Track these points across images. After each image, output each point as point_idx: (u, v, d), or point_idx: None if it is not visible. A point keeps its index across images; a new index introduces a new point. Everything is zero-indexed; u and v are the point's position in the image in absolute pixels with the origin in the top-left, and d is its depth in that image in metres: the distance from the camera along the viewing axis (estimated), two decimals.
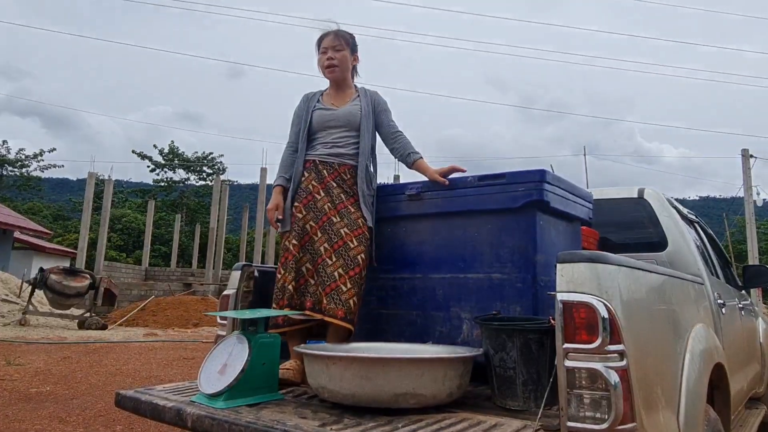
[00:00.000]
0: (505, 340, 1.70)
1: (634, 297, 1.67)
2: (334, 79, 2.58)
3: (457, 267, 2.19)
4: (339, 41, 2.54)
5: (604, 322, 1.48)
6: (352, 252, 2.28)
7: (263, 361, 1.78)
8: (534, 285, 2.02)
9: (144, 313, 12.77)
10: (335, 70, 2.53)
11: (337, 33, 2.56)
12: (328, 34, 2.57)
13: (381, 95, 2.63)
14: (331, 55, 2.52)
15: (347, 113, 2.49)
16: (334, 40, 2.54)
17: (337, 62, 2.52)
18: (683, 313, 2.16)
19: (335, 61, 2.52)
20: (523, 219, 2.07)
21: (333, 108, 2.52)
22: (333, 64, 2.52)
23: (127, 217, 34.17)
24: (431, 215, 2.30)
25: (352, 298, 2.22)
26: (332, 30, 2.58)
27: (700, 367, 2.08)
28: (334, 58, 2.52)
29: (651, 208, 3.23)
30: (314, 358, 1.65)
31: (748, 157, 20.53)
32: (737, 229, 31.19)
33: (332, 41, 2.54)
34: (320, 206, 2.36)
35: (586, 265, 1.54)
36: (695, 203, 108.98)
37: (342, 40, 2.55)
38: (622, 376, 1.48)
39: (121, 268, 21.51)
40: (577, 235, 2.50)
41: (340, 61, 2.52)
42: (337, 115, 2.49)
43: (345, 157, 2.45)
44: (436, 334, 2.20)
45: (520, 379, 1.68)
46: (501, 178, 2.12)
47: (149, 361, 7.19)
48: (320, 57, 2.58)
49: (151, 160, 36.12)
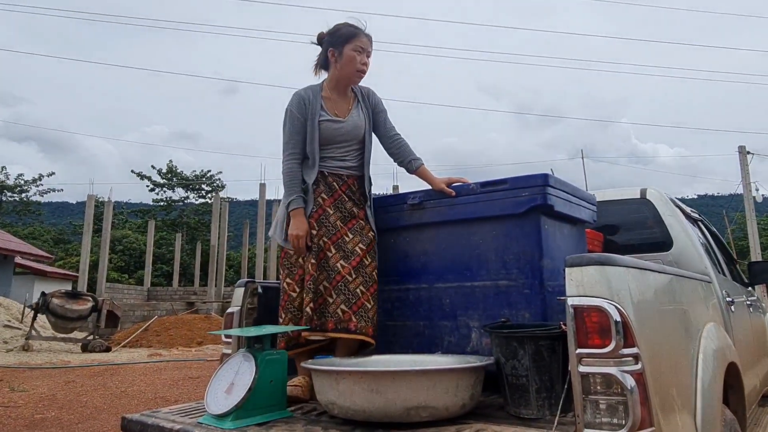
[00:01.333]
0: (516, 347, 1.67)
1: (644, 298, 1.64)
2: (354, 85, 2.43)
3: (463, 275, 2.16)
4: (371, 47, 2.38)
5: (617, 326, 1.46)
6: (368, 269, 2.24)
7: (270, 378, 1.75)
8: (542, 290, 2.00)
9: (147, 334, 12.70)
10: (363, 77, 2.40)
11: (371, 37, 2.39)
12: (365, 33, 2.37)
13: (375, 93, 2.50)
14: (367, 62, 2.36)
15: (354, 127, 2.38)
16: (370, 44, 2.37)
17: (367, 69, 2.38)
18: (694, 312, 2.14)
19: (366, 67, 2.37)
20: (527, 224, 2.05)
21: (340, 120, 2.37)
22: (365, 71, 2.37)
23: (127, 237, 34.13)
24: (434, 224, 2.27)
25: (375, 314, 2.20)
26: (367, 32, 2.38)
27: (713, 367, 2.05)
28: (367, 65, 2.37)
29: (654, 208, 3.21)
30: (323, 374, 1.62)
31: (745, 154, 20.55)
32: (737, 225, 31.21)
33: (369, 45, 2.37)
34: (332, 221, 2.29)
35: (596, 268, 1.52)
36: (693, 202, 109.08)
37: (372, 46, 2.39)
38: (638, 380, 1.46)
39: (123, 289, 21.45)
40: (582, 238, 2.48)
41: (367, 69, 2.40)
42: (345, 129, 2.36)
43: (352, 168, 2.40)
44: (444, 344, 2.17)
45: (533, 387, 1.65)
46: (503, 183, 2.10)
47: (154, 382, 7.12)
48: (352, 55, 2.33)
49: (150, 180, 36.16)
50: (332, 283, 2.21)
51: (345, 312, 2.17)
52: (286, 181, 2.30)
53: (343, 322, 2.16)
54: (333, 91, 2.41)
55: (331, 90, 2.41)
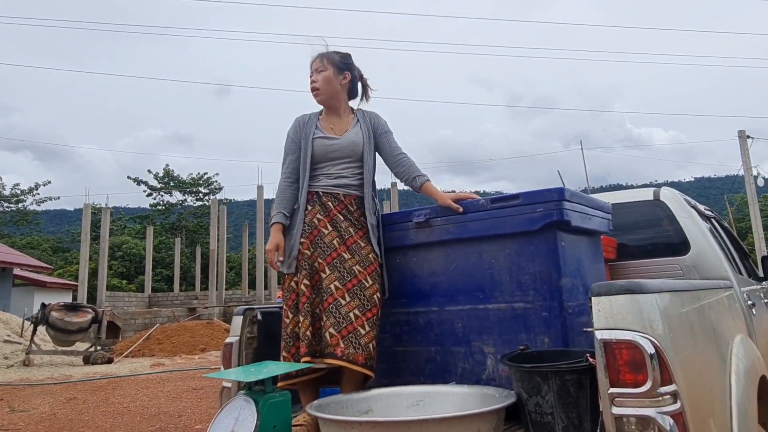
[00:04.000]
0: (539, 382, 1.54)
1: (678, 325, 1.51)
2: (321, 103, 2.43)
3: (476, 297, 2.02)
4: (322, 63, 2.39)
5: (652, 361, 1.32)
6: (368, 291, 2.12)
7: (274, 423, 1.61)
8: (561, 313, 1.86)
9: (149, 342, 12.58)
10: (318, 93, 2.38)
11: (322, 54, 2.42)
12: (315, 56, 2.43)
13: (381, 116, 2.48)
14: (314, 78, 2.39)
15: (350, 143, 2.34)
16: (317, 62, 2.40)
17: (319, 84, 2.37)
18: (722, 327, 2.01)
19: (317, 84, 2.37)
20: (543, 241, 1.92)
21: (335, 137, 2.35)
22: (315, 87, 2.38)
23: (126, 243, 34.04)
24: (443, 242, 2.13)
25: (371, 341, 2.05)
26: (320, 52, 2.43)
27: (746, 387, 1.92)
28: (316, 81, 2.38)
29: (669, 210, 3.08)
30: (330, 423, 1.49)
31: (745, 138, 20.42)
32: (735, 207, 31.18)
33: (317, 63, 2.41)
34: (328, 241, 2.20)
35: (626, 298, 1.38)
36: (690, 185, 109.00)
37: (326, 60, 2.39)
38: (678, 420, 1.33)
39: (123, 297, 21.32)
40: (599, 249, 2.34)
41: (322, 83, 2.36)
42: (340, 145, 2.33)
43: (350, 187, 2.31)
44: (458, 371, 2.04)
45: (560, 426, 1.52)
46: (516, 198, 1.97)
47: (157, 395, 7.00)
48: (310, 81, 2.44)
49: (147, 184, 35.98)
50: (324, 305, 2.11)
51: (333, 336, 2.05)
52: (275, 201, 2.36)
53: (329, 347, 2.04)
54: (327, 113, 2.46)
55: (326, 113, 2.46)
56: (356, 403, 1.81)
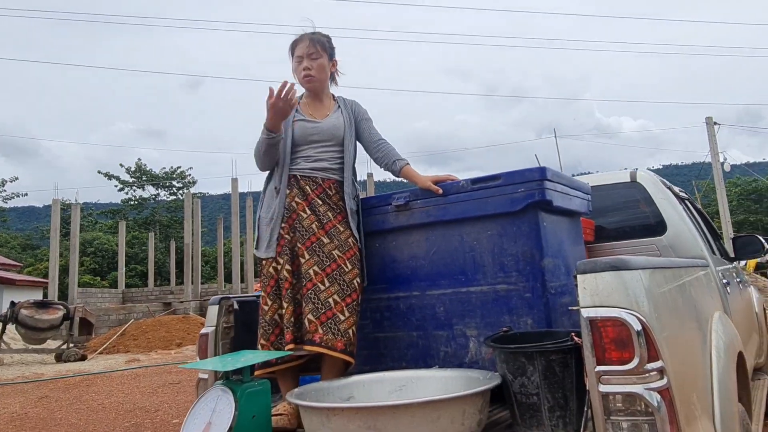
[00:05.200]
0: (524, 363, 1.51)
1: (662, 301, 1.50)
2: (311, 90, 2.34)
3: (458, 280, 1.99)
4: (315, 48, 2.27)
5: (639, 338, 1.31)
6: (348, 276, 2.06)
7: (252, 413, 1.56)
8: (544, 293, 1.84)
9: (124, 339, 12.34)
10: (313, 80, 2.28)
11: (313, 38, 2.28)
12: (302, 39, 2.29)
13: (361, 104, 2.42)
14: (308, 65, 2.26)
15: (331, 126, 2.27)
16: (310, 47, 2.26)
17: (315, 72, 2.27)
18: (702, 305, 2.01)
19: (312, 71, 2.26)
20: (525, 222, 1.89)
21: (315, 120, 2.28)
22: (311, 74, 2.27)
23: (98, 239, 33.34)
24: (423, 225, 2.09)
25: (351, 327, 2.00)
26: (307, 35, 2.30)
27: (726, 363, 1.93)
28: (311, 68, 2.26)
29: (646, 191, 3.09)
30: (312, 411, 1.44)
31: (712, 125, 20.87)
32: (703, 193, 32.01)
33: (308, 48, 2.27)
34: (306, 225, 2.14)
35: (612, 274, 1.36)
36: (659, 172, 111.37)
37: (319, 46, 2.28)
38: (664, 396, 1.31)
39: (96, 293, 20.88)
40: (579, 230, 2.33)
41: (318, 71, 2.27)
42: (320, 128, 2.26)
43: (329, 171, 2.24)
44: (441, 355, 2.00)
45: (546, 406, 1.50)
46: (497, 179, 1.93)
47: (133, 391, 6.87)
48: (295, 66, 2.31)
49: (119, 179, 35.23)
50: (303, 291, 2.06)
51: (311, 323, 1.99)
52: None
53: (308, 333, 1.99)
54: (309, 98, 2.38)
55: (307, 98, 2.38)
56: (337, 390, 1.77)
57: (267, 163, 2.24)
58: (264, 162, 2.22)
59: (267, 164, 2.24)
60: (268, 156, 2.19)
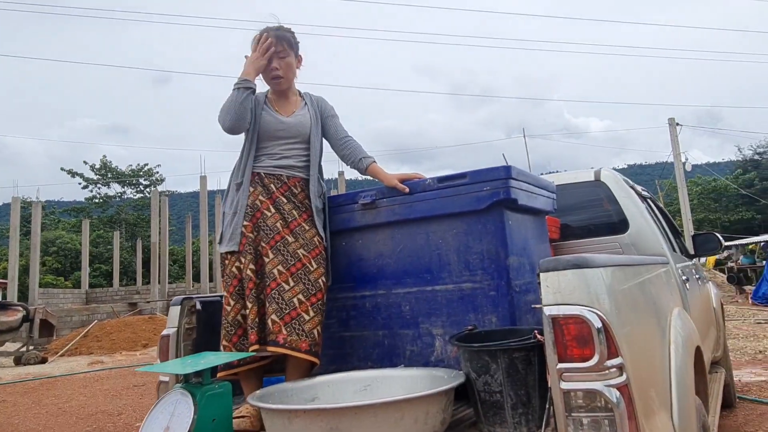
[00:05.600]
0: (488, 361, 1.51)
1: (623, 299, 1.52)
2: (281, 90, 2.28)
3: (424, 279, 1.98)
4: (282, 46, 2.20)
5: (599, 335, 1.32)
6: (312, 275, 2.03)
7: (213, 417, 1.52)
8: (509, 292, 1.85)
9: (87, 340, 12.03)
10: (281, 82, 2.23)
11: (279, 35, 2.21)
12: (271, 38, 2.21)
13: (327, 100, 2.38)
14: (276, 65, 2.20)
15: (298, 123, 2.23)
16: (276, 45, 2.19)
17: (283, 72, 2.21)
18: (661, 301, 2.05)
19: (281, 71, 2.20)
20: (490, 220, 1.89)
21: (282, 116, 2.23)
22: (279, 75, 2.21)
23: (61, 238, 32.42)
24: (389, 224, 2.08)
25: (316, 327, 1.97)
26: (272, 31, 2.22)
27: (684, 358, 1.97)
28: (279, 67, 2.20)
29: (609, 190, 3.14)
30: (274, 413, 1.41)
31: (674, 126, 21.44)
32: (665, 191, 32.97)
33: (277, 47, 2.20)
34: (270, 224, 2.09)
35: (574, 272, 1.37)
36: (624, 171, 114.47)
37: (285, 43, 2.21)
38: (623, 392, 1.33)
39: (58, 293, 20.31)
40: (544, 228, 2.35)
41: (286, 70, 2.22)
42: (287, 125, 2.21)
43: (294, 169, 2.20)
44: (407, 354, 2.00)
45: (509, 403, 1.50)
46: (463, 178, 1.93)
47: (96, 394, 6.70)
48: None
49: (83, 177, 34.27)
50: (267, 291, 2.02)
51: (275, 323, 1.95)
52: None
53: (272, 334, 1.95)
54: (274, 94, 2.32)
55: (273, 93, 2.33)
56: (301, 391, 1.74)
57: (234, 119, 2.10)
58: (233, 117, 2.10)
59: (234, 120, 2.11)
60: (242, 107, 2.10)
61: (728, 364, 4.36)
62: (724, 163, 78.27)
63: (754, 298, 13.58)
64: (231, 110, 2.10)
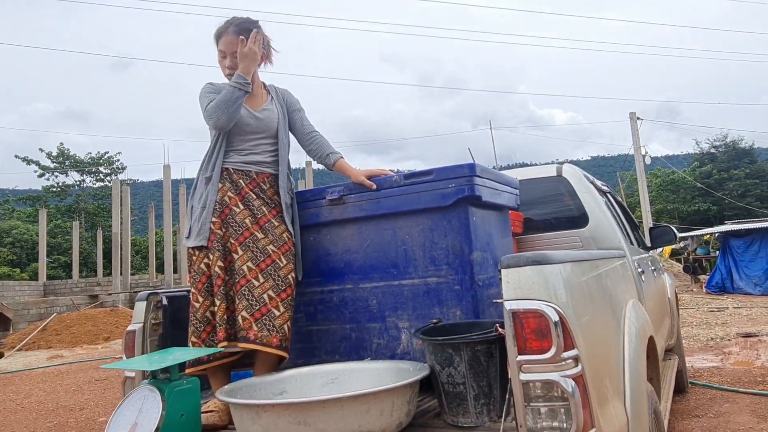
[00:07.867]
0: (451, 354, 1.57)
1: (579, 292, 1.59)
2: None
3: (390, 274, 2.03)
4: (235, 43, 2.14)
5: (557, 328, 1.38)
6: (282, 271, 2.04)
7: (181, 412, 1.54)
8: (472, 286, 1.91)
9: (46, 334, 11.69)
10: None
11: (238, 31, 2.16)
12: (226, 31, 2.19)
13: (293, 94, 2.38)
14: (232, 64, 2.17)
15: (265, 118, 2.22)
16: (233, 41, 2.15)
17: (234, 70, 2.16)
18: (617, 293, 2.14)
19: (233, 70, 2.16)
20: (455, 217, 1.94)
21: (254, 111, 2.21)
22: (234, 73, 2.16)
23: (16, 228, 31.29)
24: (356, 220, 2.11)
25: (286, 322, 1.99)
26: (231, 26, 2.19)
27: (637, 347, 2.07)
28: (233, 66, 2.16)
29: (570, 185, 3.24)
30: (242, 408, 1.43)
31: (635, 119, 22.02)
32: (626, 183, 33.90)
33: (231, 44, 2.16)
34: (239, 221, 2.09)
35: (533, 269, 1.43)
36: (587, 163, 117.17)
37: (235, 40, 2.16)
38: (578, 382, 1.40)
39: (14, 286, 19.63)
40: (508, 223, 2.42)
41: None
42: (258, 119, 2.20)
43: (263, 165, 2.20)
44: (373, 347, 2.04)
45: (471, 394, 1.56)
46: (428, 174, 1.97)
47: (56, 389, 6.55)
48: (220, 60, 2.23)
49: (39, 164, 33.03)
50: (237, 288, 2.02)
51: (245, 320, 1.96)
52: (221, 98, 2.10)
53: (242, 330, 1.96)
54: None
55: None
56: (269, 385, 1.77)
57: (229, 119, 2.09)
58: (228, 117, 2.08)
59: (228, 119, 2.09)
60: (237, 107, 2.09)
61: (681, 352, 4.56)
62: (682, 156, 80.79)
63: (707, 287, 14.15)
64: (228, 109, 2.08)
